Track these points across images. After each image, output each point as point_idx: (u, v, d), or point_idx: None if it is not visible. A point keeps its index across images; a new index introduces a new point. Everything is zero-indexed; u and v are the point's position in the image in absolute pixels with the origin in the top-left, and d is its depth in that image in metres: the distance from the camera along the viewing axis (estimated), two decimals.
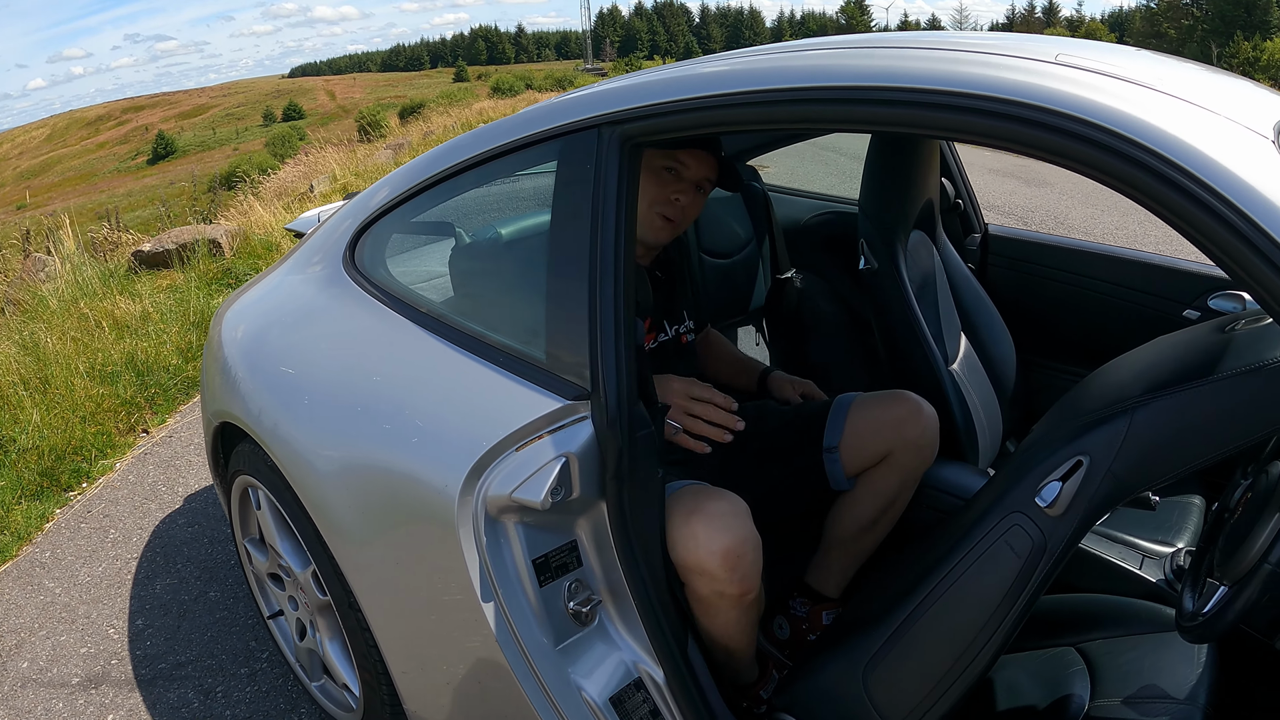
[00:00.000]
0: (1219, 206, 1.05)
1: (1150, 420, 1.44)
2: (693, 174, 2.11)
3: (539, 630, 1.68)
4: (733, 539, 1.72)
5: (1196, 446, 1.41)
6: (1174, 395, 1.43)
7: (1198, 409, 1.41)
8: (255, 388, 2.40)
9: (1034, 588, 1.51)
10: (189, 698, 2.79)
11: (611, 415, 1.60)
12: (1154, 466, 1.45)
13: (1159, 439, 1.44)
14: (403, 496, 1.85)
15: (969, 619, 1.56)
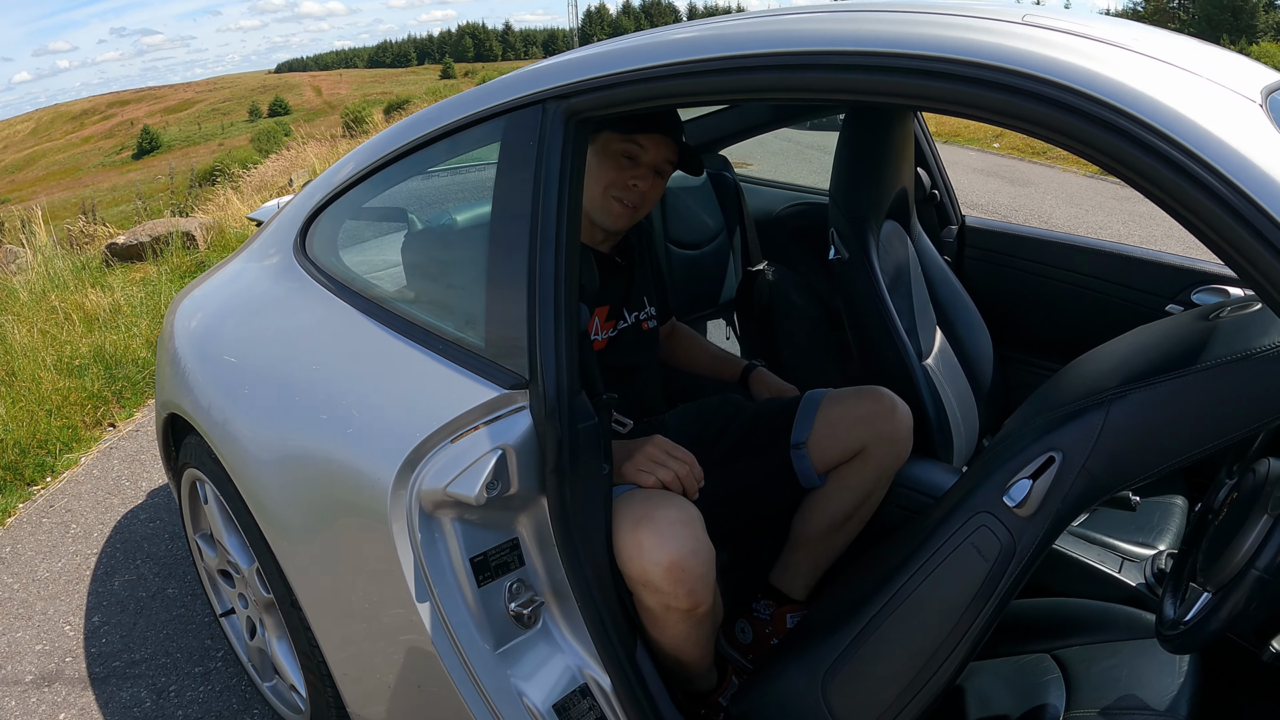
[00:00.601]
0: (1205, 176, 0.96)
1: (1127, 414, 1.34)
2: (651, 158, 2.04)
3: (478, 632, 1.59)
4: (680, 551, 1.62)
5: (1178, 442, 1.32)
6: (1153, 387, 1.34)
7: (1179, 402, 1.31)
8: (199, 378, 2.32)
9: (1003, 593, 1.42)
10: (141, 697, 2.73)
11: (550, 405, 1.51)
12: (1132, 463, 1.35)
13: (1137, 434, 1.34)
14: (338, 490, 1.76)
15: (933, 626, 1.47)
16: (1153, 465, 1.34)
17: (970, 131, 20.32)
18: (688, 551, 1.62)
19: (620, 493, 1.76)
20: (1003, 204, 10.02)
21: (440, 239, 2.19)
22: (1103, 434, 1.35)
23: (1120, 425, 1.34)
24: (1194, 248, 1.39)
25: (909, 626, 1.50)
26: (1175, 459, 1.33)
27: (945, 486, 2.18)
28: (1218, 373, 1.28)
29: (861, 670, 1.55)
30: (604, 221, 2.08)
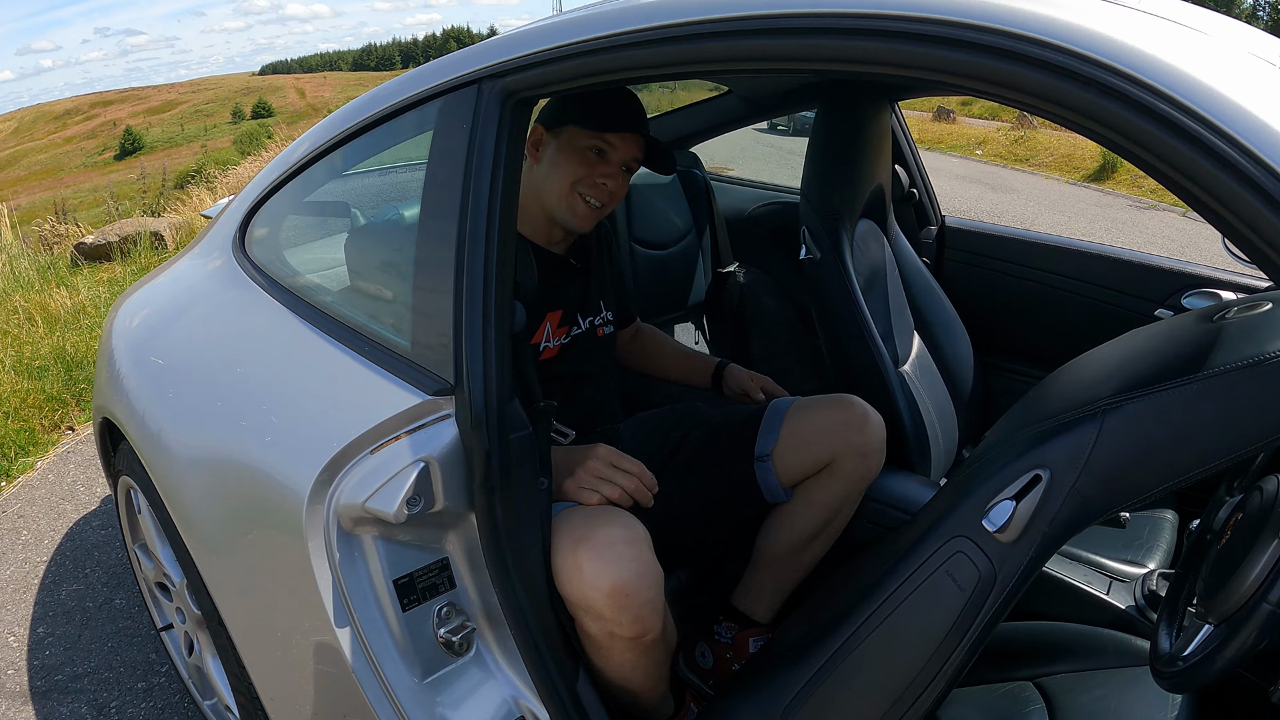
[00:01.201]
0: (1223, 147, 0.83)
1: (1124, 427, 1.17)
2: (620, 155, 1.94)
3: (402, 660, 1.45)
4: (624, 574, 1.48)
5: (1181, 459, 1.15)
6: (1153, 396, 1.16)
7: (1183, 413, 1.14)
8: (129, 381, 2.20)
9: (981, 627, 1.26)
10: (82, 713, 2.64)
11: (477, 414, 1.37)
12: (1129, 482, 1.18)
13: (1135, 449, 1.17)
14: (256, 502, 1.63)
15: (902, 664, 1.31)
16: (1152, 485, 1.17)
17: (953, 138, 20.39)
18: (632, 574, 1.48)
19: (560, 509, 1.62)
20: (985, 210, 10.07)
21: (376, 235, 2.09)
22: (1096, 449, 1.18)
23: (1116, 440, 1.17)
24: (1182, 252, 1.24)
25: (876, 664, 1.35)
26: (1178, 478, 1.16)
27: (921, 501, 2.06)
28: (1226, 381, 1.11)
29: (826, 707, 1.38)
30: (568, 221, 1.96)
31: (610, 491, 1.64)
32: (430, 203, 1.51)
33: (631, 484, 1.67)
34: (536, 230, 2.00)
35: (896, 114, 2.98)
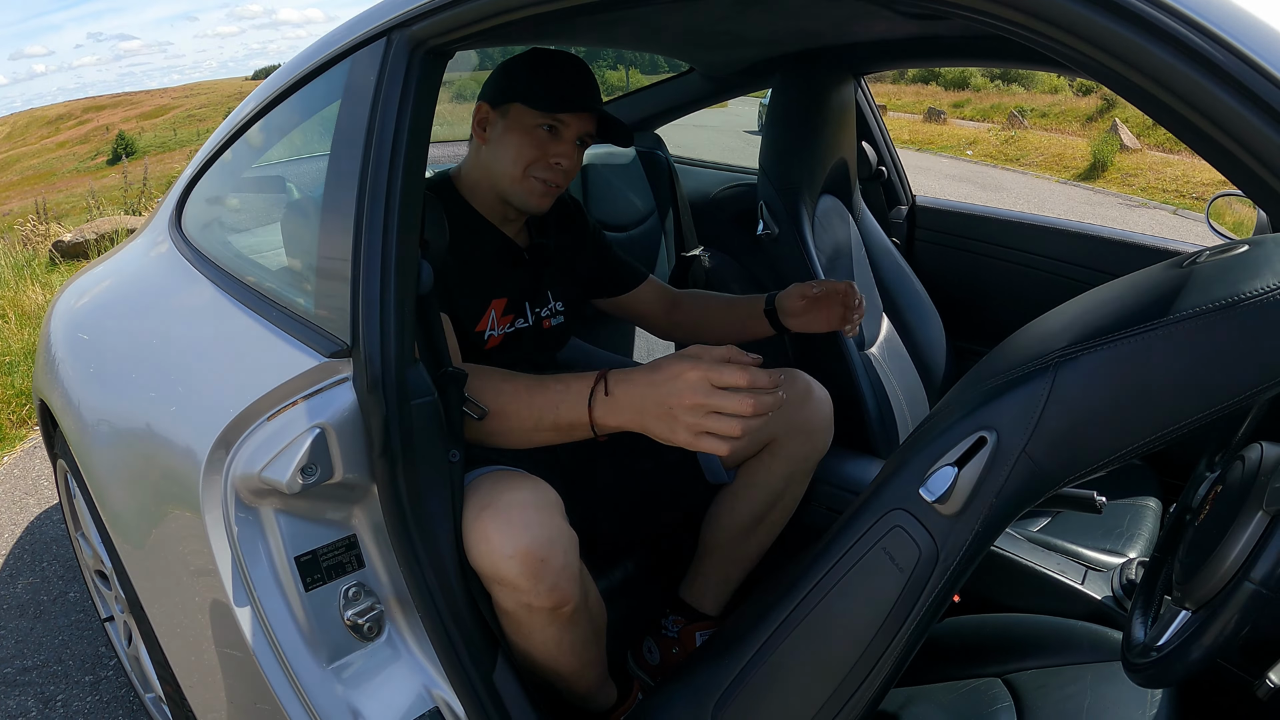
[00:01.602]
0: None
1: (1078, 381, 1.01)
2: (573, 132, 1.81)
3: (305, 644, 1.36)
4: (533, 538, 1.37)
5: (1145, 416, 0.98)
6: (1111, 346, 0.99)
7: (1145, 363, 0.97)
8: (59, 360, 2.14)
9: (924, 611, 1.13)
10: (28, 705, 2.61)
11: (374, 376, 1.28)
12: (1087, 444, 1.02)
13: (1092, 406, 1.01)
14: (160, 475, 1.56)
15: (839, 651, 1.19)
16: (1114, 447, 1.01)
17: (944, 139, 20.43)
18: (543, 539, 1.38)
19: (470, 478, 1.51)
20: None
21: (301, 204, 1.99)
22: (1048, 406, 1.02)
23: (1070, 395, 1.01)
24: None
25: (809, 652, 1.22)
26: (1142, 438, 1.00)
27: None
28: (1195, 325, 0.95)
29: (757, 701, 1.27)
30: (524, 203, 1.84)
31: (732, 428, 1.26)
32: (334, 160, 1.42)
33: (749, 405, 1.25)
34: (492, 211, 1.89)
35: (862, 89, 2.90)
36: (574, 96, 1.78)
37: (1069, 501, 1.88)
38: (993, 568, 1.87)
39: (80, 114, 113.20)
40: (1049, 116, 24.25)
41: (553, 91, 1.77)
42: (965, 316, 2.93)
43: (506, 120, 1.79)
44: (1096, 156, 16.92)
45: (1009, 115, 24.26)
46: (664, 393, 1.30)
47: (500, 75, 1.83)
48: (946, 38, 2.36)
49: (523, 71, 1.79)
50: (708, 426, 1.26)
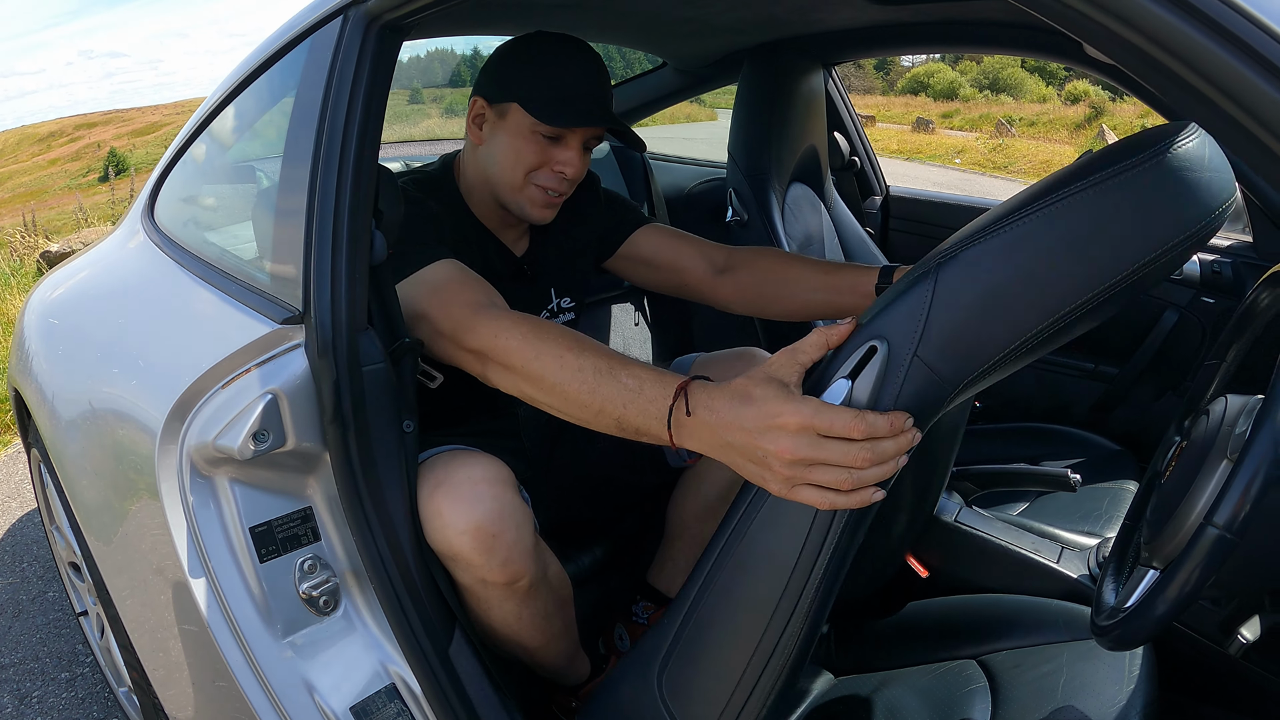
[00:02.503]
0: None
1: (960, 275, 0.96)
2: (579, 138, 1.66)
3: (259, 616, 1.35)
4: (485, 514, 1.35)
5: (1030, 304, 0.93)
6: (990, 238, 0.95)
7: (1028, 248, 0.92)
8: (30, 346, 2.15)
9: (843, 530, 1.06)
10: (3, 702, 2.60)
11: (324, 340, 1.28)
12: (973, 341, 0.96)
13: (974, 300, 0.95)
14: (119, 448, 1.55)
15: (764, 588, 1.12)
16: (1005, 340, 0.95)
17: (932, 148, 20.51)
18: (494, 514, 1.36)
19: (425, 456, 1.50)
20: None
21: (260, 182, 1.98)
22: (933, 308, 0.97)
23: (953, 292, 0.96)
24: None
25: (733, 598, 1.17)
26: (1032, 328, 0.94)
27: None
28: (1073, 202, 0.91)
29: (692, 660, 1.23)
30: (523, 213, 1.71)
31: (840, 481, 0.99)
32: (291, 136, 1.43)
33: (865, 460, 0.98)
34: (489, 215, 1.77)
35: (833, 79, 2.91)
36: (583, 108, 1.62)
37: (1044, 480, 1.88)
38: (966, 548, 1.86)
39: (72, 131, 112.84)
40: (1037, 125, 24.38)
41: (558, 100, 1.61)
42: None
43: (505, 122, 1.65)
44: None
45: (997, 124, 24.37)
46: (758, 440, 1.03)
47: (497, 66, 1.68)
48: (912, 25, 2.33)
49: (524, 68, 1.64)
50: (810, 479, 1.01)
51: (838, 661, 1.80)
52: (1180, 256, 0.91)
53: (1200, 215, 0.89)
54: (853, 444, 0.98)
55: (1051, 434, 2.66)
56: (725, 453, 1.09)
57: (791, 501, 1.04)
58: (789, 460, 1.00)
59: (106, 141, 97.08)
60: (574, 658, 1.74)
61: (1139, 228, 0.89)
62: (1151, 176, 0.89)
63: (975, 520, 1.88)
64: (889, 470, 0.99)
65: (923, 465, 1.54)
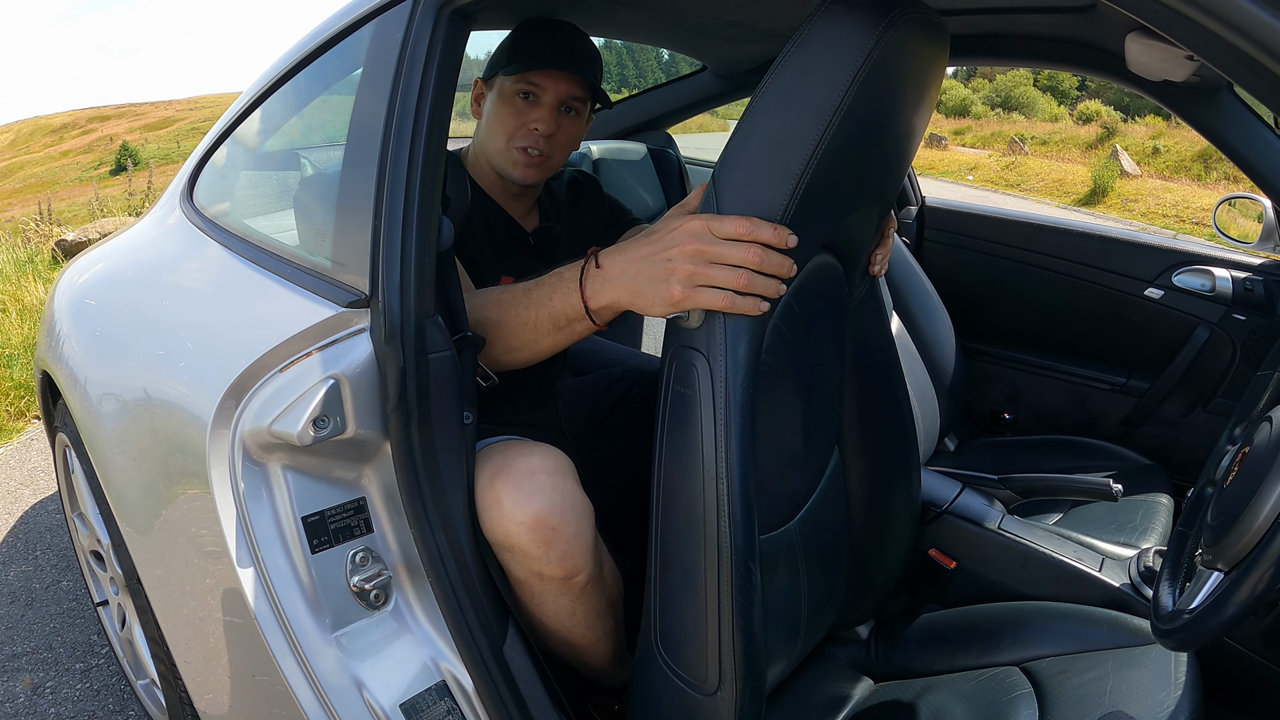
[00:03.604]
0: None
1: (741, 142, 1.13)
2: (552, 96, 1.77)
3: (308, 608, 1.32)
4: (545, 505, 1.34)
5: (796, 141, 1.09)
6: (759, 97, 1.12)
7: (782, 98, 1.10)
8: (62, 328, 2.11)
9: (735, 417, 1.15)
10: (15, 692, 2.56)
11: (392, 326, 1.26)
12: (764, 193, 1.11)
13: (756, 155, 1.12)
14: (164, 431, 1.52)
15: (690, 525, 1.21)
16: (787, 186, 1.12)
17: (945, 164, 20.56)
18: (555, 506, 1.35)
19: (482, 445, 1.48)
20: None
21: (319, 176, 1.96)
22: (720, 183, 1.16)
23: (737, 155, 1.15)
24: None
25: (670, 540, 1.25)
26: (803, 158, 1.11)
27: None
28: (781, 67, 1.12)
29: (668, 613, 1.29)
30: (510, 175, 1.83)
31: (735, 279, 1.13)
32: (357, 118, 1.41)
33: (755, 255, 1.12)
34: (494, 188, 1.90)
35: None
36: (544, 54, 1.76)
37: (1086, 491, 1.88)
38: (1009, 555, 1.85)
39: (84, 123, 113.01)
40: (1049, 144, 24.41)
41: (525, 53, 1.76)
42: (974, 316, 2.92)
43: (493, 94, 1.82)
44: (1097, 182, 17.03)
45: (1009, 142, 24.41)
46: (661, 246, 1.18)
47: (496, 51, 1.84)
48: (958, 36, 2.34)
49: (506, 42, 1.81)
50: (707, 276, 1.13)
51: (879, 667, 1.78)
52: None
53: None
54: (745, 244, 1.11)
55: (1082, 447, 2.66)
56: (634, 284, 1.21)
57: (681, 410, 1.18)
58: (690, 253, 1.14)
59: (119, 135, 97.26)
60: (621, 659, 1.70)
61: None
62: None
63: (1018, 528, 1.88)
64: (775, 286, 1.14)
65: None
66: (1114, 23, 1.88)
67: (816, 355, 1.43)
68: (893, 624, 1.86)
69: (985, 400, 2.97)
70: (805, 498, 1.52)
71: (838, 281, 1.45)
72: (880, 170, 1.35)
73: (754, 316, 1.15)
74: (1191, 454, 2.65)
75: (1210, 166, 18.28)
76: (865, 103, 1.12)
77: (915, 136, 1.42)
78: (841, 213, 1.31)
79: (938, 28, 1.27)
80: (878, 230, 1.54)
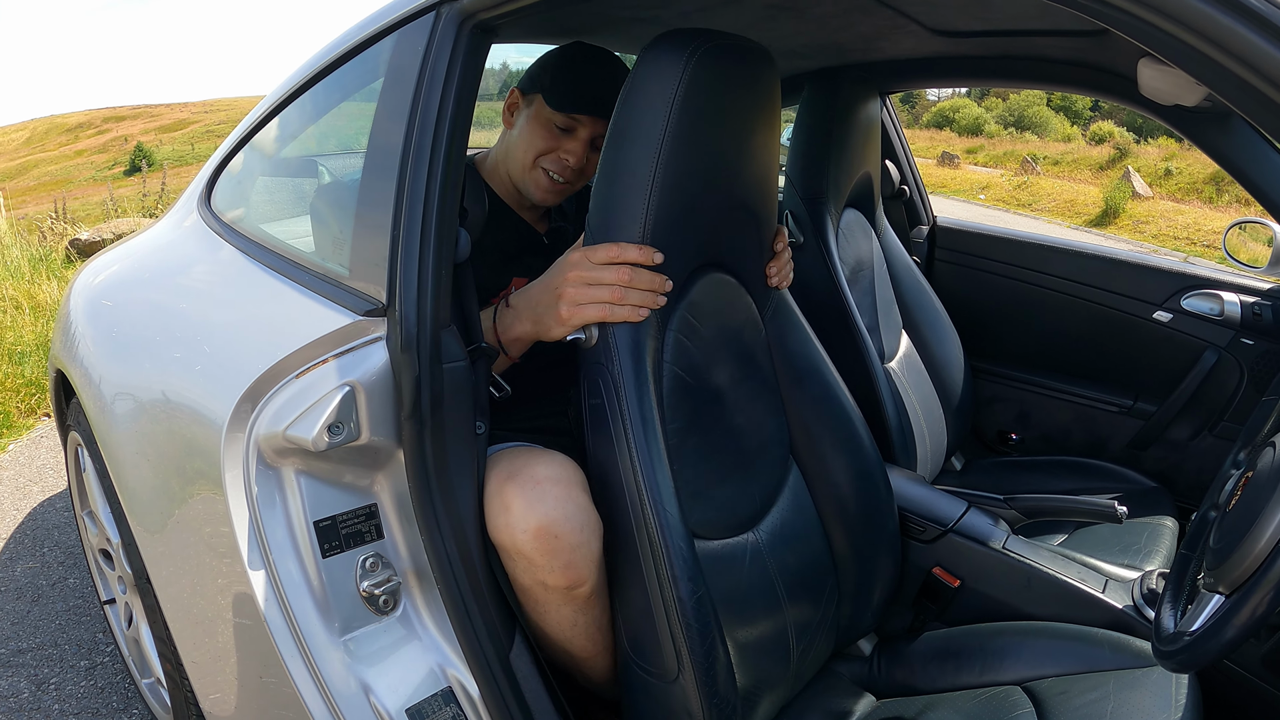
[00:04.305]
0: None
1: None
2: (588, 132, 1.83)
3: (317, 612, 1.34)
4: (551, 514, 1.36)
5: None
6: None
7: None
8: (78, 328, 2.13)
9: (635, 424, 1.36)
10: (20, 687, 2.58)
11: (409, 335, 1.28)
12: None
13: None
14: (179, 432, 1.54)
15: (623, 512, 1.38)
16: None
17: (957, 183, 20.54)
18: (560, 515, 1.36)
19: (494, 450, 1.50)
20: None
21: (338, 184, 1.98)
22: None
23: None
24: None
25: (613, 529, 1.41)
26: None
27: (905, 493, 1.99)
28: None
29: (625, 615, 1.44)
30: (530, 193, 1.87)
31: (610, 295, 1.38)
32: (377, 129, 1.43)
33: (624, 275, 1.38)
34: (509, 196, 1.93)
35: (887, 108, 2.93)
36: (590, 99, 1.79)
37: (1091, 512, 1.88)
38: (1013, 575, 1.85)
39: (100, 123, 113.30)
40: (1061, 164, 24.39)
41: (571, 90, 1.79)
42: (983, 337, 2.93)
43: (530, 110, 1.84)
44: (1108, 203, 17.02)
45: (1022, 161, 24.40)
46: (551, 281, 1.44)
47: (535, 64, 1.86)
48: (971, 58, 2.39)
49: (551, 63, 1.83)
50: (588, 295, 1.38)
51: (881, 684, 1.79)
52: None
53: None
54: (616, 266, 1.37)
55: (1088, 468, 2.66)
56: (534, 313, 1.46)
57: (597, 413, 1.39)
58: (573, 280, 1.39)
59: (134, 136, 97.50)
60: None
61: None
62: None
63: (1022, 548, 1.88)
64: (650, 297, 1.39)
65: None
66: (1126, 47, 1.90)
67: (729, 366, 1.60)
68: (896, 641, 1.86)
69: (993, 420, 2.98)
70: (763, 507, 1.64)
71: (739, 297, 1.65)
72: (733, 188, 1.52)
73: (644, 328, 1.39)
74: (1197, 478, 2.65)
75: (1222, 189, 18.26)
76: (686, 126, 1.33)
77: (763, 155, 1.58)
78: (704, 229, 1.50)
79: (750, 51, 1.45)
80: (767, 246, 1.72)
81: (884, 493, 1.80)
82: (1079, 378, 2.85)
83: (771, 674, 1.58)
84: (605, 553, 1.42)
